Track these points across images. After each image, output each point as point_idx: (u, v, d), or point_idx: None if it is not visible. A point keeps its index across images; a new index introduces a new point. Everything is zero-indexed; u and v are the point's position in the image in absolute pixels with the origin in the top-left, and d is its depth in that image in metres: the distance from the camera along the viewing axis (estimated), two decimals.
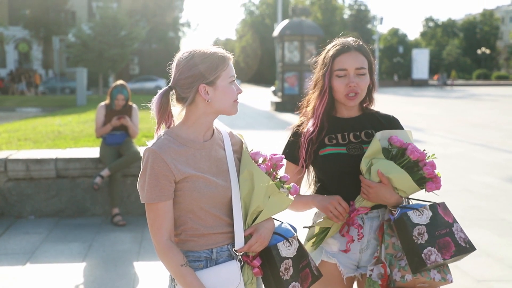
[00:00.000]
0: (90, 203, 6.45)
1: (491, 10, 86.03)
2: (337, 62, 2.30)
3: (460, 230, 2.17)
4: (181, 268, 1.88)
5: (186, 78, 1.92)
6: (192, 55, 1.93)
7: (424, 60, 51.92)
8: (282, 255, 1.98)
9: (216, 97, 1.93)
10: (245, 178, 1.98)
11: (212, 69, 1.91)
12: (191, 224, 1.94)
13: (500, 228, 5.97)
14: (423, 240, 2.11)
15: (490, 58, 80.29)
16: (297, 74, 24.37)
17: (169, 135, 1.94)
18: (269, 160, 2.04)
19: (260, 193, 1.95)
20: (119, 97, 6.33)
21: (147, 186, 1.88)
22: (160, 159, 1.87)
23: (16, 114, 21.17)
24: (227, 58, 1.96)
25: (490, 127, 16.62)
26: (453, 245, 2.12)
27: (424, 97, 35.14)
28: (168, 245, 1.89)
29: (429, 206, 2.19)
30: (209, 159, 1.97)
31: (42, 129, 11.03)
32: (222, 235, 1.97)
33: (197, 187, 1.90)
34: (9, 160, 6.29)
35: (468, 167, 9.79)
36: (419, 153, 2.23)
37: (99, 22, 33.11)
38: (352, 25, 70.48)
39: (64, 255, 5.10)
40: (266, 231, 1.97)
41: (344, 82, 2.29)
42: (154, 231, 1.90)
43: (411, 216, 2.15)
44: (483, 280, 4.45)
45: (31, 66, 48.47)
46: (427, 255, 2.09)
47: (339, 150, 2.31)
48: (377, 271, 2.25)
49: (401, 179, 2.20)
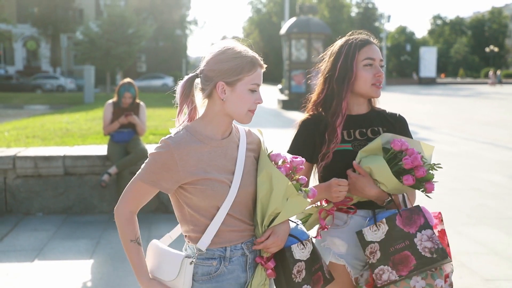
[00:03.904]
0: (97, 200, 6.48)
1: (499, 8, 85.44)
2: (363, 52, 2.29)
3: (426, 239, 2.03)
4: (130, 243, 1.93)
5: (209, 71, 1.92)
6: (224, 51, 1.93)
7: (432, 58, 51.68)
8: (295, 257, 1.97)
9: (232, 99, 1.92)
10: (263, 180, 1.96)
11: (236, 70, 1.90)
12: (204, 221, 1.94)
13: (508, 227, 5.94)
14: (375, 259, 2.06)
15: (498, 56, 79.76)
16: (304, 72, 24.30)
17: (188, 130, 1.94)
18: (289, 163, 2.01)
19: (279, 195, 1.93)
20: (126, 95, 6.35)
21: (146, 167, 1.91)
22: (170, 154, 1.88)
23: (24, 112, 21.29)
24: (257, 65, 1.94)
25: (498, 125, 16.54)
26: (413, 258, 2.02)
27: (432, 95, 35.00)
28: (128, 216, 1.94)
29: (386, 219, 2.10)
30: (225, 157, 1.96)
31: (50, 126, 11.09)
32: (236, 233, 1.96)
33: (210, 186, 1.90)
34: (18, 157, 6.33)
35: (475, 165, 9.75)
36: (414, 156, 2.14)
37: (106, 20, 33.22)
38: (360, 23, 70.20)
39: (71, 252, 5.13)
40: (283, 233, 1.96)
41: (372, 72, 2.28)
42: (123, 200, 1.94)
43: (366, 234, 2.10)
44: (491, 279, 4.43)
45: (39, 64, 48.70)
46: (378, 275, 2.04)
47: (345, 146, 2.30)
48: (365, 276, 2.23)
49: (379, 169, 2.15)
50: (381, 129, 2.35)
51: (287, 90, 25.29)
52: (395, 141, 2.19)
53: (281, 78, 41.66)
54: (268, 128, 15.81)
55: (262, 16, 78.24)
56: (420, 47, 58.78)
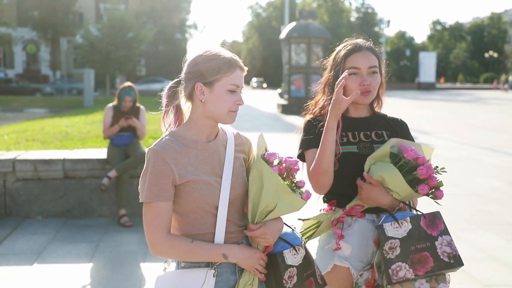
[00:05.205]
0: (97, 204, 6.47)
1: (499, 14, 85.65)
2: (349, 61, 2.30)
3: (446, 244, 2.08)
4: (193, 244, 1.89)
5: (188, 73, 1.96)
6: (202, 53, 1.96)
7: (431, 64, 51.67)
8: (287, 262, 1.96)
9: (211, 100, 1.93)
10: (254, 177, 1.95)
11: (213, 70, 1.91)
12: (191, 225, 1.94)
13: (508, 232, 5.94)
14: (393, 255, 2.06)
15: (497, 61, 79.91)
16: (303, 77, 24.34)
17: (172, 136, 1.96)
18: (283, 162, 2.00)
19: (269, 192, 1.93)
20: (126, 98, 6.36)
21: (147, 185, 1.89)
22: (161, 159, 1.88)
23: (23, 115, 21.30)
24: (235, 66, 1.94)
25: (498, 131, 16.55)
26: (431, 260, 2.05)
27: (431, 100, 35.04)
28: (169, 236, 1.90)
29: (410, 218, 2.12)
30: (212, 160, 1.97)
31: (49, 130, 11.09)
32: (228, 234, 1.96)
33: (197, 188, 1.91)
34: (17, 160, 6.33)
35: (475, 170, 9.76)
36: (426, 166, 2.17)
37: (106, 23, 33.30)
38: (359, 28, 70.28)
39: (71, 256, 5.12)
40: (274, 228, 1.95)
41: (357, 81, 2.29)
42: (152, 230, 1.89)
43: (386, 229, 2.11)
44: (490, 284, 4.43)
45: (39, 67, 48.72)
46: (394, 270, 2.05)
47: (350, 149, 2.30)
48: (365, 276, 2.24)
49: (393, 179, 2.16)
50: (385, 132, 2.37)
51: (286, 94, 25.30)
52: (408, 150, 2.21)
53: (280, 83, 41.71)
54: (267, 132, 15.81)
55: (262, 20, 78.44)
56: (420, 52, 58.82)
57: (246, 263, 1.93)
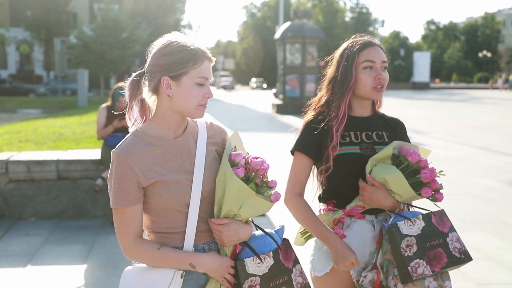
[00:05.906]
0: (91, 205, 6.44)
1: (492, 14, 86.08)
2: (363, 54, 2.27)
3: (456, 240, 2.13)
4: (159, 250, 1.83)
5: (153, 66, 1.85)
6: (167, 44, 1.86)
7: (426, 63, 51.83)
8: (248, 271, 1.86)
9: (178, 95, 1.83)
10: (220, 179, 1.88)
11: (179, 63, 1.82)
12: (164, 223, 1.89)
13: (502, 232, 5.96)
14: (411, 253, 2.07)
15: (491, 61, 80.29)
16: (298, 77, 24.36)
17: (136, 135, 1.87)
18: (250, 163, 1.90)
19: (231, 196, 1.86)
20: (121, 99, 6.33)
21: (112, 190, 1.83)
22: (123, 163, 1.81)
23: (17, 116, 21.22)
24: (203, 57, 1.84)
25: (491, 130, 16.61)
26: (445, 256, 2.09)
27: (426, 100, 35.14)
28: (138, 242, 1.85)
29: (422, 215, 2.15)
30: (180, 157, 1.88)
31: (43, 130, 11.04)
32: (198, 233, 1.90)
33: (166, 188, 1.84)
34: (10, 161, 6.29)
35: (469, 170, 9.78)
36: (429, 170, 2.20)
37: (100, 24, 33.20)
38: (354, 28, 70.50)
39: (65, 257, 5.09)
40: (233, 232, 1.88)
41: (372, 75, 2.26)
42: (122, 235, 1.85)
43: (401, 227, 2.11)
44: (484, 283, 4.44)
45: (33, 67, 48.54)
46: (414, 268, 2.06)
47: (353, 149, 2.28)
48: (370, 277, 2.23)
49: (396, 181, 2.16)
50: (385, 133, 2.35)
51: (281, 94, 25.33)
52: (412, 154, 2.20)
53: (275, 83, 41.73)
54: (262, 132, 15.81)
55: (257, 20, 78.50)
56: (414, 52, 58.99)
57: (215, 273, 1.87)
